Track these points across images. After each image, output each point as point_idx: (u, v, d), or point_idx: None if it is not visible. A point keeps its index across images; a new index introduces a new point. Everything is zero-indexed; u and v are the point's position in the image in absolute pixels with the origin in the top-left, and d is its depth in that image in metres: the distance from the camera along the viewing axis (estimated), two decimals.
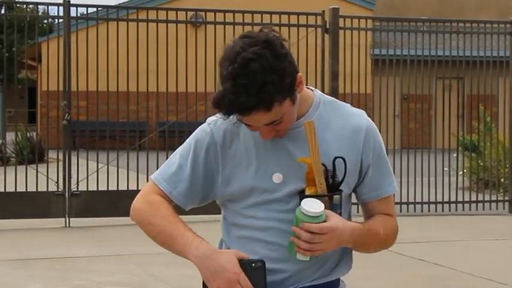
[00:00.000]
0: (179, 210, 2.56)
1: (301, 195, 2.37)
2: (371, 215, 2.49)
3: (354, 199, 2.59)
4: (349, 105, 2.54)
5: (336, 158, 2.38)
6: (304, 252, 2.32)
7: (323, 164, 2.37)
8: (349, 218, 2.50)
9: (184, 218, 2.56)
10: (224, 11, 11.91)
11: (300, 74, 2.36)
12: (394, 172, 2.56)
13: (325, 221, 2.30)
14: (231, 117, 2.38)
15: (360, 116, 2.50)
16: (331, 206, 2.36)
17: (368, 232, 2.43)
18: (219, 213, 2.62)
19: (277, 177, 2.41)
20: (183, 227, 2.46)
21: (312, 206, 2.30)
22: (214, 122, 2.52)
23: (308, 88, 2.52)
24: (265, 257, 2.42)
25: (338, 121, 2.46)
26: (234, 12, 11.82)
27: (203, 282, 2.54)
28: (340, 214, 2.37)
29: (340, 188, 2.40)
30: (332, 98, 2.57)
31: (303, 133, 2.40)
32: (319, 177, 2.35)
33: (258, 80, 2.23)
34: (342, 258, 2.52)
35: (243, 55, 2.23)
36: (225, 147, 2.47)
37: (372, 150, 2.47)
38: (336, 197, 2.38)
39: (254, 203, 2.45)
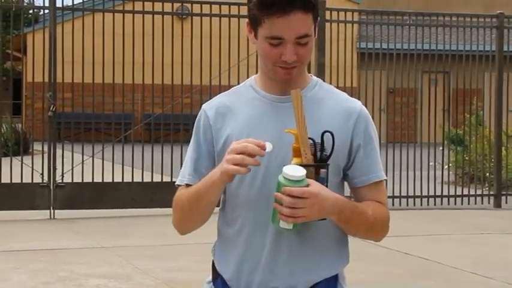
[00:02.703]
0: None
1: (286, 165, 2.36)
2: (361, 201, 2.48)
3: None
4: (345, 93, 2.56)
5: (324, 132, 2.38)
6: (287, 219, 2.29)
7: (311, 138, 2.36)
8: None
9: None
10: (210, 3, 11.89)
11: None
12: None
13: (307, 186, 2.29)
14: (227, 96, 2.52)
15: (354, 101, 2.54)
16: (317, 179, 2.35)
17: (354, 208, 2.40)
18: None
19: (267, 146, 2.37)
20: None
21: (294, 170, 2.29)
22: (207, 103, 2.56)
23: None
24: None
25: (332, 102, 2.49)
26: (220, 4, 11.80)
27: (212, 262, 2.54)
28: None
29: (328, 162, 2.39)
30: (330, 85, 2.61)
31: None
32: (304, 147, 2.34)
33: None
34: (338, 250, 2.50)
35: None
36: (218, 121, 2.48)
37: (364, 132, 2.48)
38: (323, 170, 2.36)
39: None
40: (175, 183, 2.58)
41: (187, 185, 2.51)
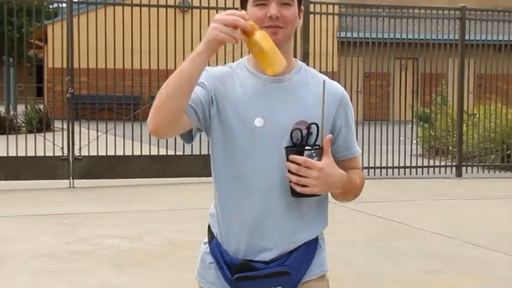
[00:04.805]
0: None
1: (287, 149, 2.31)
2: (345, 170, 2.47)
3: None
4: (327, 77, 2.53)
5: (311, 124, 2.35)
6: (295, 186, 2.26)
7: (315, 123, 2.34)
8: None
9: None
10: None
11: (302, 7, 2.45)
12: (357, 141, 2.57)
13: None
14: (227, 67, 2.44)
15: (337, 84, 2.52)
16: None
17: (350, 180, 2.40)
18: None
19: (258, 121, 2.36)
20: None
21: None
22: (210, 67, 2.48)
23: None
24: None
25: (316, 85, 2.44)
26: None
27: (209, 225, 2.48)
28: None
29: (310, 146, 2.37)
30: (313, 69, 2.57)
31: (288, 87, 2.41)
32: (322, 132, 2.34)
33: None
34: (318, 215, 2.47)
35: None
36: (219, 84, 2.40)
37: (344, 113, 2.46)
38: (307, 152, 2.31)
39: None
40: None
41: None
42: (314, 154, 2.28)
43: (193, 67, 2.24)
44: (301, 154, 2.28)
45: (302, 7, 2.45)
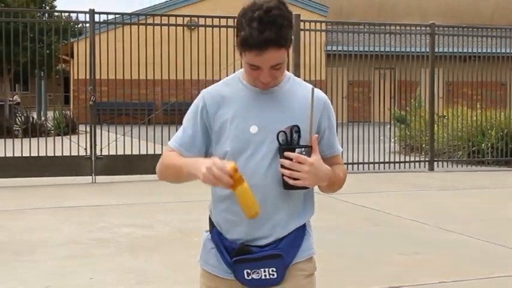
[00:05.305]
0: None
1: (281, 147, 2.28)
2: (329, 166, 2.43)
3: None
4: (311, 85, 2.49)
5: (294, 125, 2.33)
6: (288, 180, 2.23)
7: (297, 126, 2.31)
8: None
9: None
10: (212, 17, 11.82)
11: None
12: (342, 140, 2.51)
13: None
14: (220, 86, 2.41)
15: (321, 93, 2.50)
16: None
17: (334, 174, 2.38)
18: None
19: (253, 129, 2.34)
20: (186, 158, 2.37)
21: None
22: (206, 90, 2.47)
23: None
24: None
25: (303, 93, 2.41)
26: (219, 17, 11.73)
27: (209, 216, 2.45)
28: None
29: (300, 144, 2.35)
30: (300, 79, 2.54)
31: (278, 96, 2.38)
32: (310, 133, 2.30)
33: (277, 22, 2.23)
34: (306, 205, 2.45)
35: (266, 5, 2.24)
36: (213, 108, 2.39)
37: (327, 117, 2.44)
38: (298, 150, 2.30)
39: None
40: (168, 143, 2.48)
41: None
42: (304, 152, 2.26)
43: (184, 176, 2.34)
44: (293, 152, 2.26)
45: (291, 40, 2.34)
